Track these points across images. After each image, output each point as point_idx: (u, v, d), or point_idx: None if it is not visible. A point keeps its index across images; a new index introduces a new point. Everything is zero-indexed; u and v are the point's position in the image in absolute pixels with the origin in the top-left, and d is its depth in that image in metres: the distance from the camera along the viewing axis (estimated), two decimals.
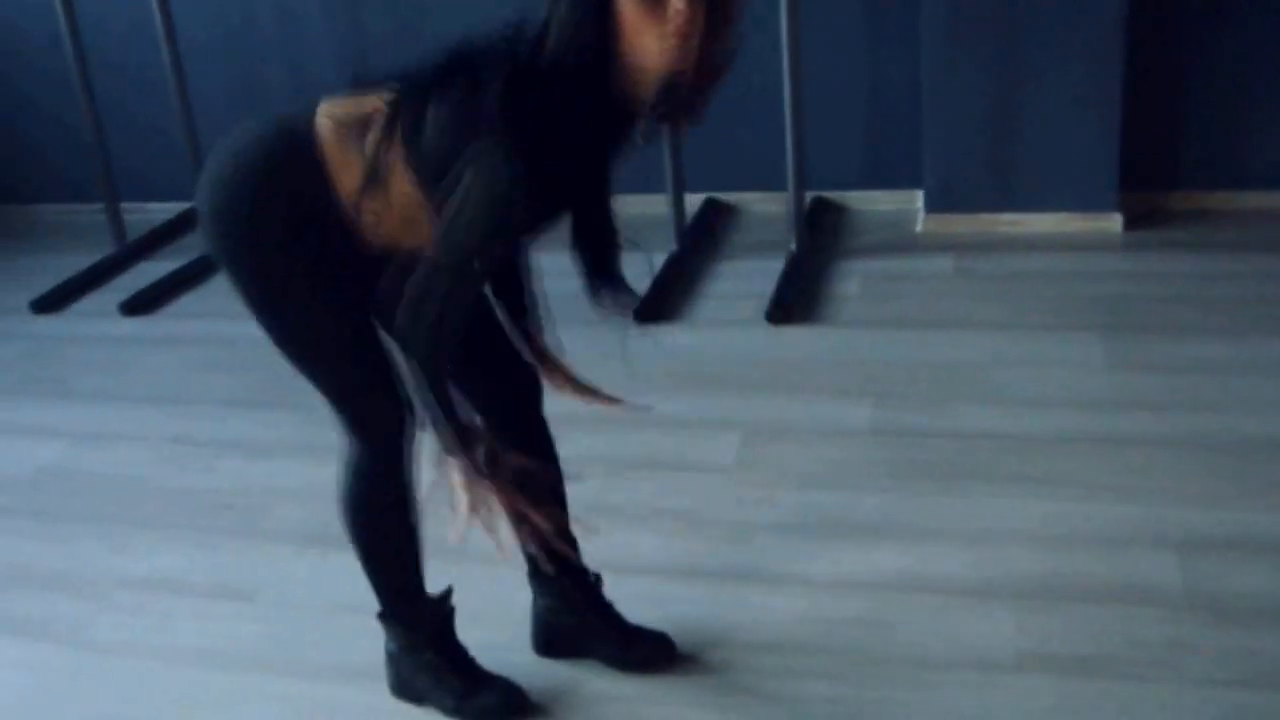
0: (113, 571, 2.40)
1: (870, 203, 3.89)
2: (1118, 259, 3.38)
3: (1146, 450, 2.44)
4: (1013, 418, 2.61)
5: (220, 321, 3.58)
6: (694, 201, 3.84)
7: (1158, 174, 3.62)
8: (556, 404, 1.86)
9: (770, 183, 3.87)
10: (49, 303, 3.84)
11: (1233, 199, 3.61)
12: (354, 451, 1.71)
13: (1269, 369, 2.71)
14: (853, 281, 3.37)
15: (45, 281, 3.93)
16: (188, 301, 3.78)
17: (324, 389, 1.66)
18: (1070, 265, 3.35)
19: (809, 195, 3.71)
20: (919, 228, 3.68)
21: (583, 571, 1.89)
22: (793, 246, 3.52)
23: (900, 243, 3.63)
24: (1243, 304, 3.04)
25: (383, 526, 1.77)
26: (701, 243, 3.72)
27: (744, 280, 3.44)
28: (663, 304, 3.30)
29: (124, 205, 4.24)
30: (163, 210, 4.47)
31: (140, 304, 3.74)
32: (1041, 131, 3.46)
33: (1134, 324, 2.97)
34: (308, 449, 2.77)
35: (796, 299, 3.24)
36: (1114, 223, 3.52)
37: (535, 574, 1.89)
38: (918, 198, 3.84)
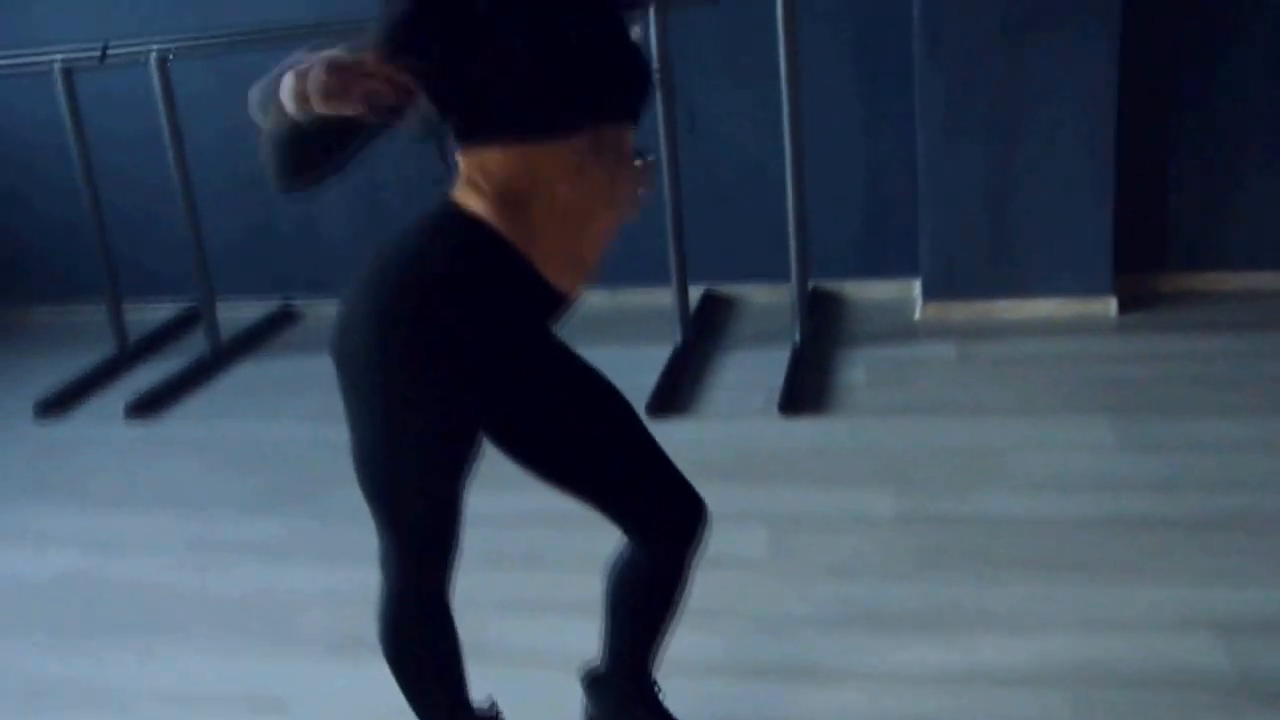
0: (140, 684, 2.31)
1: (867, 291, 3.92)
2: (1116, 341, 3.43)
3: (1171, 531, 2.44)
4: (1035, 502, 2.60)
5: (226, 423, 3.54)
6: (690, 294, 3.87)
7: (1148, 257, 3.68)
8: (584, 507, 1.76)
9: (768, 274, 3.91)
10: (53, 406, 3.77)
11: (1220, 279, 3.68)
12: (397, 585, 1.60)
13: (1278, 446, 2.73)
14: (858, 370, 3.38)
15: (47, 384, 3.87)
16: (192, 404, 3.73)
17: (391, 519, 1.55)
18: (1070, 348, 3.38)
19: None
20: (918, 315, 3.71)
21: (647, 677, 1.84)
22: (796, 337, 3.54)
23: (901, 330, 3.66)
24: (1244, 383, 3.07)
25: (425, 655, 1.66)
26: (704, 335, 3.73)
27: (750, 371, 3.44)
28: (673, 397, 3.29)
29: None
30: (160, 308, 4.45)
31: (146, 407, 3.68)
32: (1036, 218, 3.52)
33: (1141, 405, 2.99)
34: (327, 552, 2.72)
35: (805, 389, 3.25)
36: (1109, 306, 3.57)
37: (594, 683, 1.84)
38: (914, 286, 3.88)
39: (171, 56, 3.79)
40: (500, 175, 1.40)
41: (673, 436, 1.95)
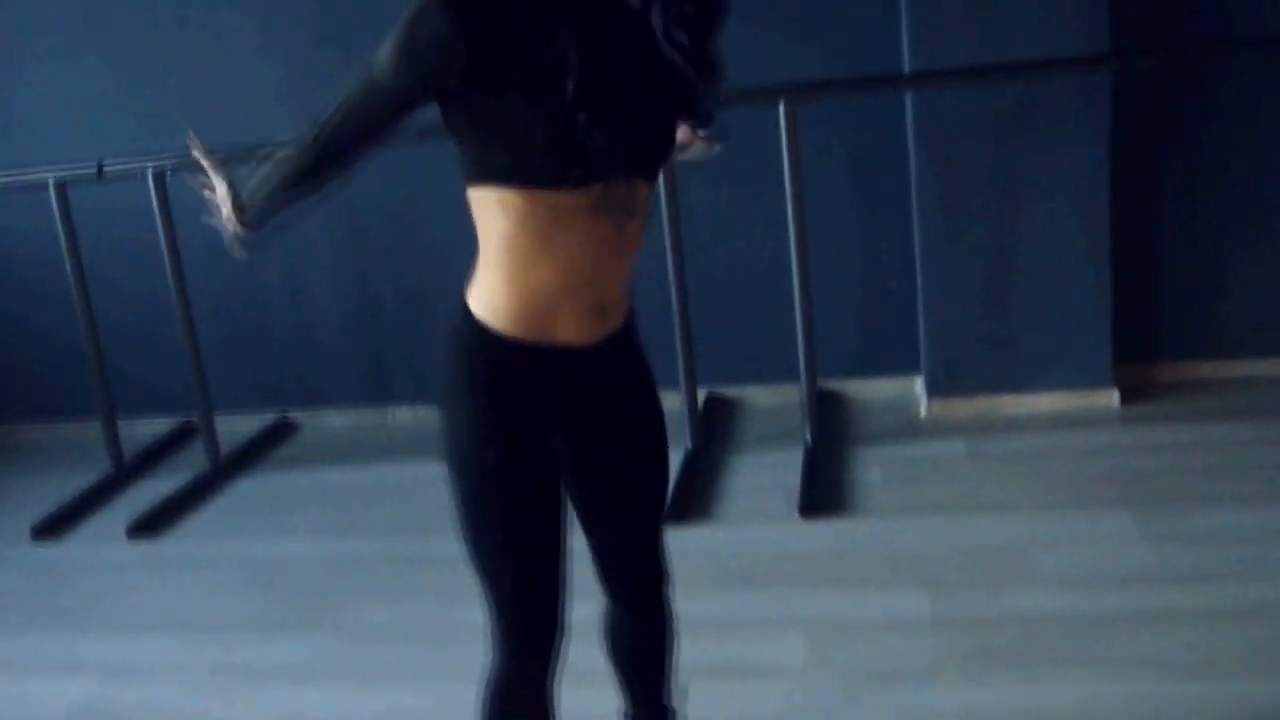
0: None
1: (869, 390, 3.95)
2: (1122, 432, 3.46)
3: (1206, 624, 2.43)
4: (1069, 598, 2.59)
5: (231, 541, 3.46)
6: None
7: (1146, 348, 3.75)
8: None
9: (770, 375, 3.94)
10: (50, 528, 3.67)
11: (1217, 368, 3.75)
12: (500, 669, 1.61)
13: None
14: (873, 470, 3.38)
15: (43, 504, 3.78)
16: (195, 522, 3.64)
17: (494, 587, 1.57)
18: (1078, 441, 3.41)
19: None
20: (923, 412, 3.74)
21: (666, 710, 1.88)
22: (807, 438, 3.54)
23: (907, 428, 3.68)
24: (1255, 471, 3.11)
25: None
26: (713, 438, 3.73)
27: (764, 474, 3.43)
28: (690, 503, 3.27)
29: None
30: (154, 424, 4.38)
31: (147, 526, 3.59)
32: (1036, 313, 3.58)
33: (1158, 497, 3.01)
34: (354, 672, 2.65)
35: (823, 491, 3.24)
36: (1111, 397, 3.62)
37: None
38: (916, 383, 3.92)
39: (169, 173, 3.80)
40: (505, 225, 1.42)
41: (695, 544, 1.95)
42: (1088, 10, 3.30)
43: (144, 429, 4.34)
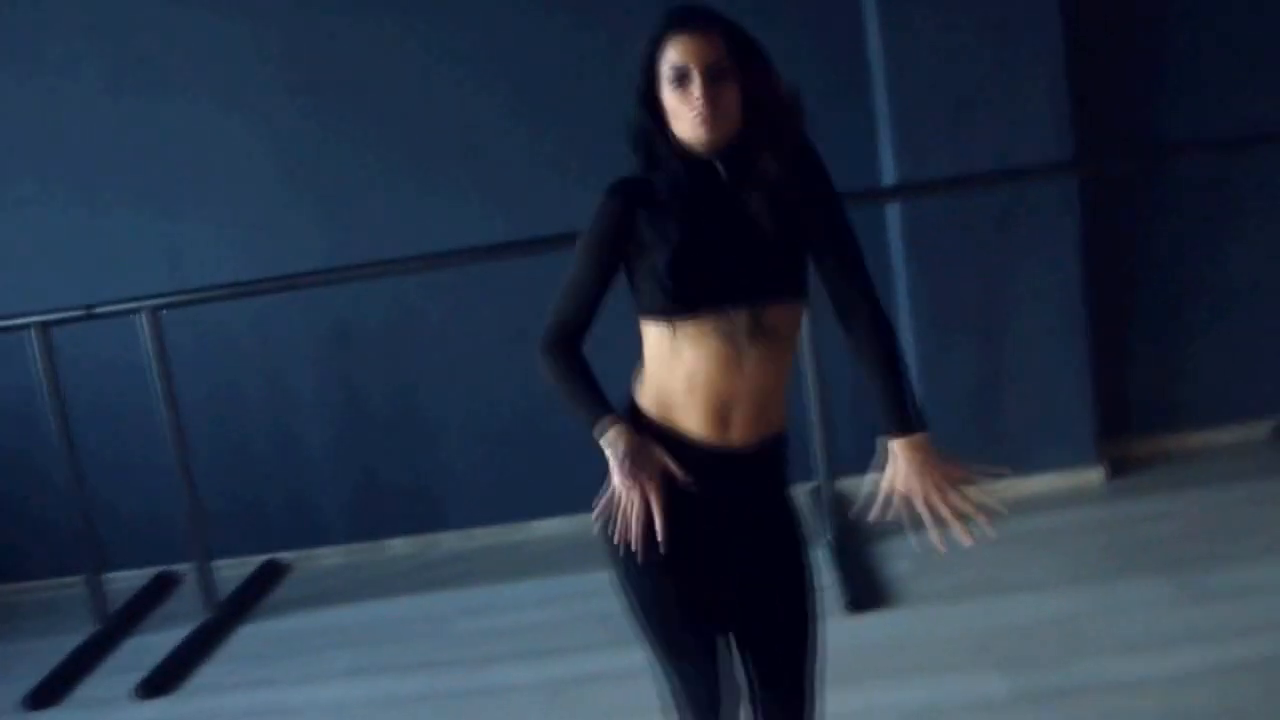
0: None
1: (861, 485, 4.03)
2: (1119, 505, 3.64)
3: (1275, 672, 2.57)
4: (1136, 663, 2.69)
5: (261, 692, 3.28)
6: None
7: (1124, 425, 3.97)
8: None
9: None
10: (46, 693, 3.41)
11: (1185, 439, 4.00)
12: None
13: None
14: (901, 560, 3.46)
15: (29, 670, 3.52)
16: (208, 674, 3.45)
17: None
18: (1083, 517, 3.58)
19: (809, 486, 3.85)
20: None
21: None
22: (829, 535, 3.61)
23: (913, 519, 3.77)
24: (1256, 530, 3.31)
25: None
26: None
27: None
28: None
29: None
30: (127, 577, 4.15)
31: (157, 683, 3.38)
32: (1023, 402, 3.76)
33: (1178, 561, 3.16)
34: None
35: (862, 585, 3.29)
36: (1097, 474, 3.81)
37: None
38: None
39: (164, 312, 3.70)
40: (649, 339, 1.78)
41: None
42: (1053, 121, 3.57)
43: (119, 583, 4.10)
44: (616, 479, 1.75)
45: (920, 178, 3.60)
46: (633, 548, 1.74)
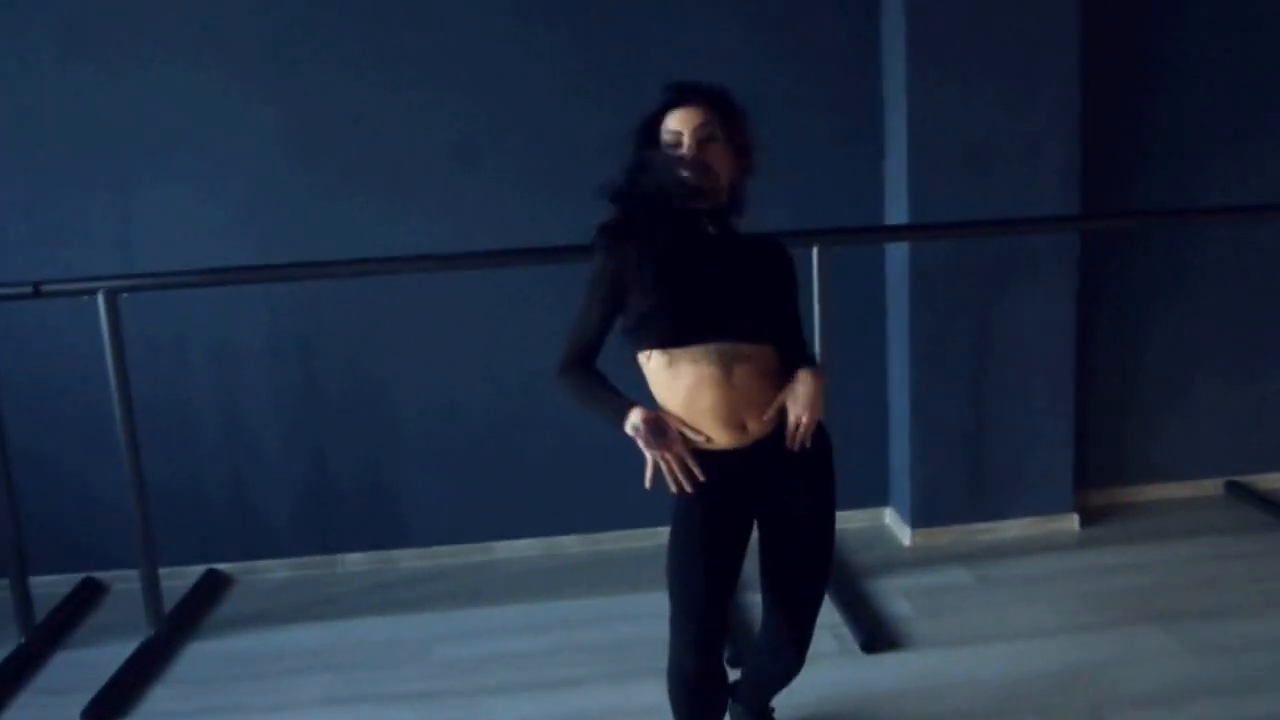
0: None
1: (840, 521, 3.95)
2: (1096, 553, 3.67)
3: None
4: (1178, 713, 2.67)
5: (229, 719, 2.96)
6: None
7: (1098, 476, 4.04)
8: None
9: None
10: None
11: (1152, 490, 4.12)
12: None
13: None
14: (898, 600, 3.39)
15: None
16: (161, 698, 3.09)
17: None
18: (1071, 564, 3.59)
19: None
20: (907, 542, 3.82)
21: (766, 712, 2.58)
22: None
23: (899, 558, 3.73)
24: (1244, 583, 3.39)
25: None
26: None
27: None
28: (735, 645, 3.13)
29: None
30: (47, 583, 3.71)
31: (105, 708, 3.00)
32: (1009, 448, 3.77)
33: (1176, 612, 3.19)
34: None
35: (871, 625, 3.20)
36: (1072, 521, 3.85)
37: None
38: (885, 514, 4.02)
39: (124, 295, 3.32)
40: (650, 371, 2.13)
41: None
42: (1063, 175, 3.59)
43: (39, 588, 3.65)
44: (648, 453, 2.04)
45: (930, 220, 3.57)
46: (687, 489, 2.06)
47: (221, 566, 3.89)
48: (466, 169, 3.70)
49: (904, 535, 3.84)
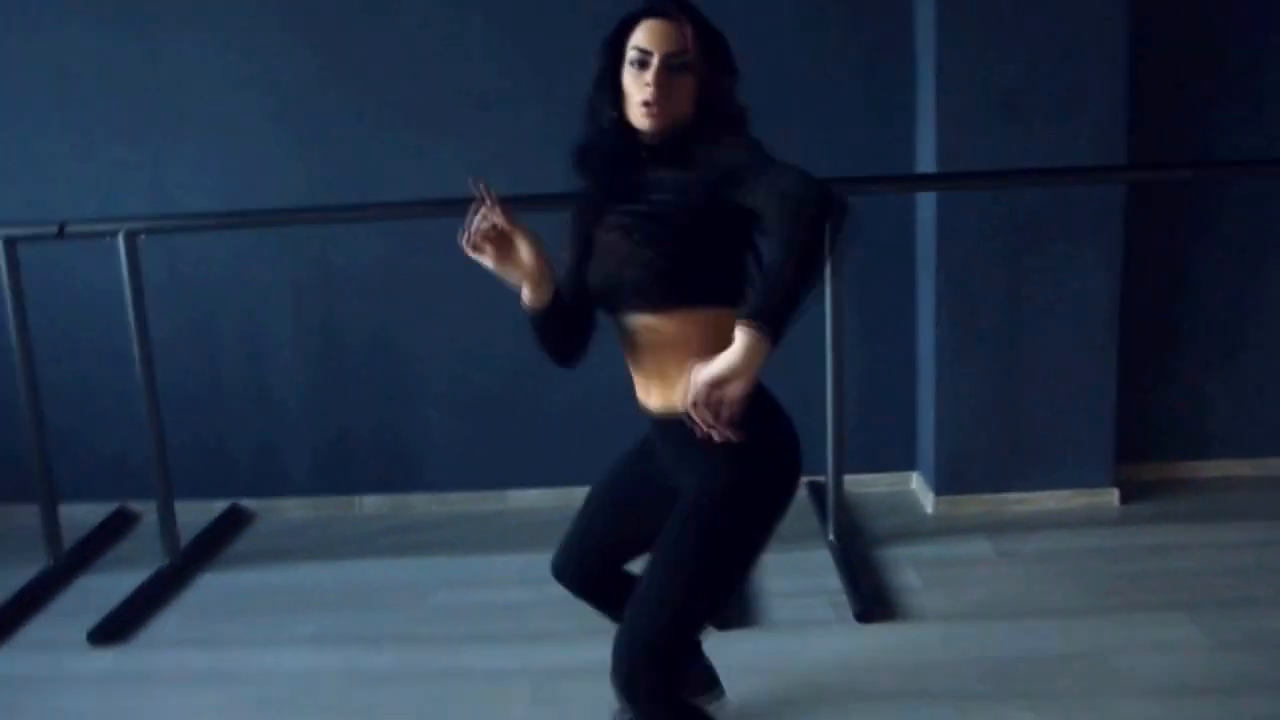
0: None
1: (864, 485, 3.80)
2: (1136, 532, 3.42)
3: None
4: (1167, 708, 2.46)
5: (225, 651, 2.97)
6: None
7: (1139, 450, 3.77)
8: None
9: None
10: None
11: (1198, 468, 3.83)
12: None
13: None
14: (908, 571, 3.22)
15: None
16: (165, 626, 3.15)
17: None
18: (1101, 541, 3.36)
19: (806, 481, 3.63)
20: (930, 509, 3.64)
21: None
22: (832, 537, 3.37)
23: (919, 526, 3.56)
24: (1275, 572, 3.12)
25: None
26: None
27: (798, 576, 3.18)
28: (728, 607, 3.03)
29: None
30: (81, 510, 3.81)
31: (112, 631, 3.07)
32: (1043, 416, 3.54)
33: (1205, 600, 2.95)
34: None
35: (870, 595, 3.06)
36: (1112, 496, 3.61)
37: None
38: (912, 479, 3.83)
39: (142, 237, 3.36)
40: None
41: (757, 653, 1.87)
42: (1108, 125, 3.32)
43: (70, 515, 3.75)
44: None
45: (961, 170, 3.35)
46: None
47: (246, 502, 3.94)
48: (488, 114, 3.63)
49: (928, 502, 3.66)
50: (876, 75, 3.56)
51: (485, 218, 1.82)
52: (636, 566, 1.94)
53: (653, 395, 1.86)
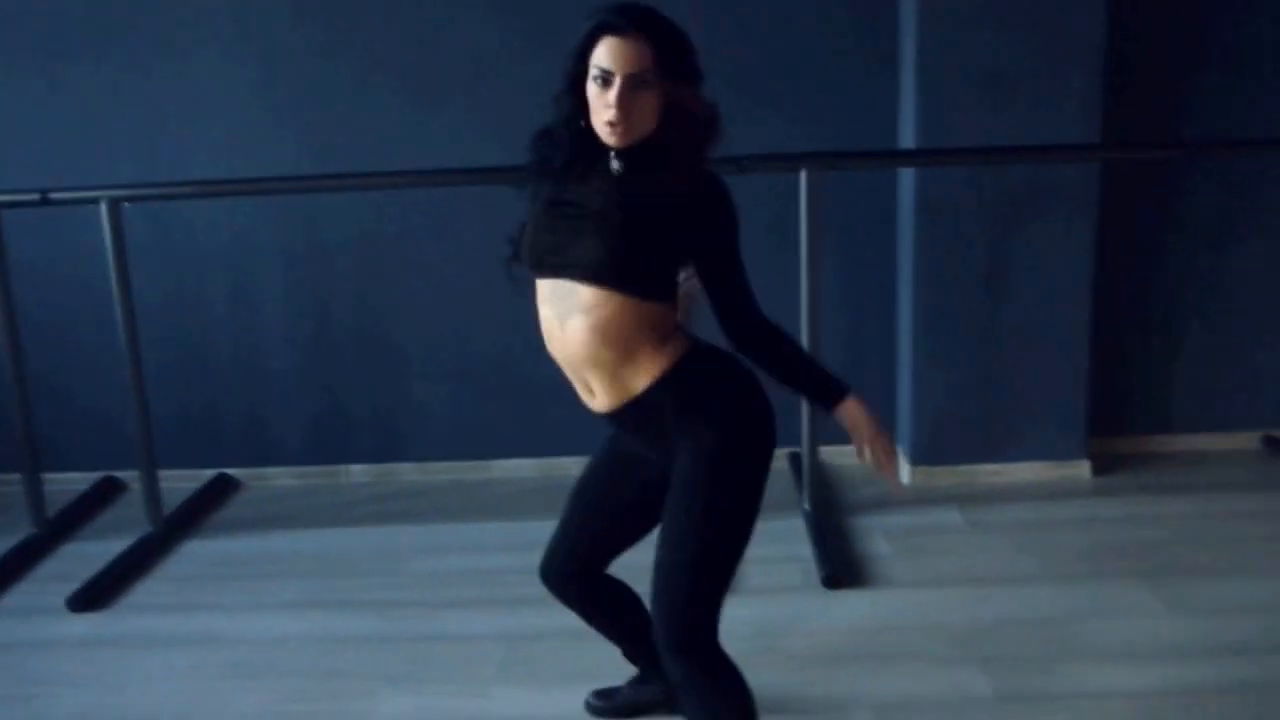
0: None
1: (842, 456, 3.83)
2: (1106, 504, 3.46)
3: (1256, 695, 2.40)
4: (1122, 674, 2.51)
5: (202, 617, 3.01)
6: None
7: (1111, 423, 3.79)
8: None
9: None
10: None
11: (1168, 441, 3.85)
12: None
13: None
14: (879, 540, 3.26)
15: None
16: (146, 592, 3.19)
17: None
18: (1071, 512, 3.39)
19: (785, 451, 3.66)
20: (907, 480, 3.66)
21: None
22: (806, 506, 3.40)
23: (892, 496, 3.59)
24: (1242, 543, 3.15)
25: None
26: None
27: (772, 543, 3.16)
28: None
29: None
30: (68, 480, 3.86)
31: (92, 597, 3.11)
32: (1019, 389, 3.56)
33: (1166, 569, 2.99)
34: None
35: (840, 562, 3.09)
36: (1084, 469, 3.63)
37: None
38: None
39: (126, 205, 3.38)
40: None
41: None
42: (1084, 103, 3.33)
43: (58, 485, 3.80)
44: None
45: (941, 146, 3.36)
46: None
47: (233, 471, 3.97)
48: (482, 83, 3.64)
49: (904, 473, 3.69)
50: (859, 52, 3.56)
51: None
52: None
53: (596, 393, 1.88)
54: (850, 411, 1.88)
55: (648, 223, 1.76)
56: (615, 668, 2.41)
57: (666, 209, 1.76)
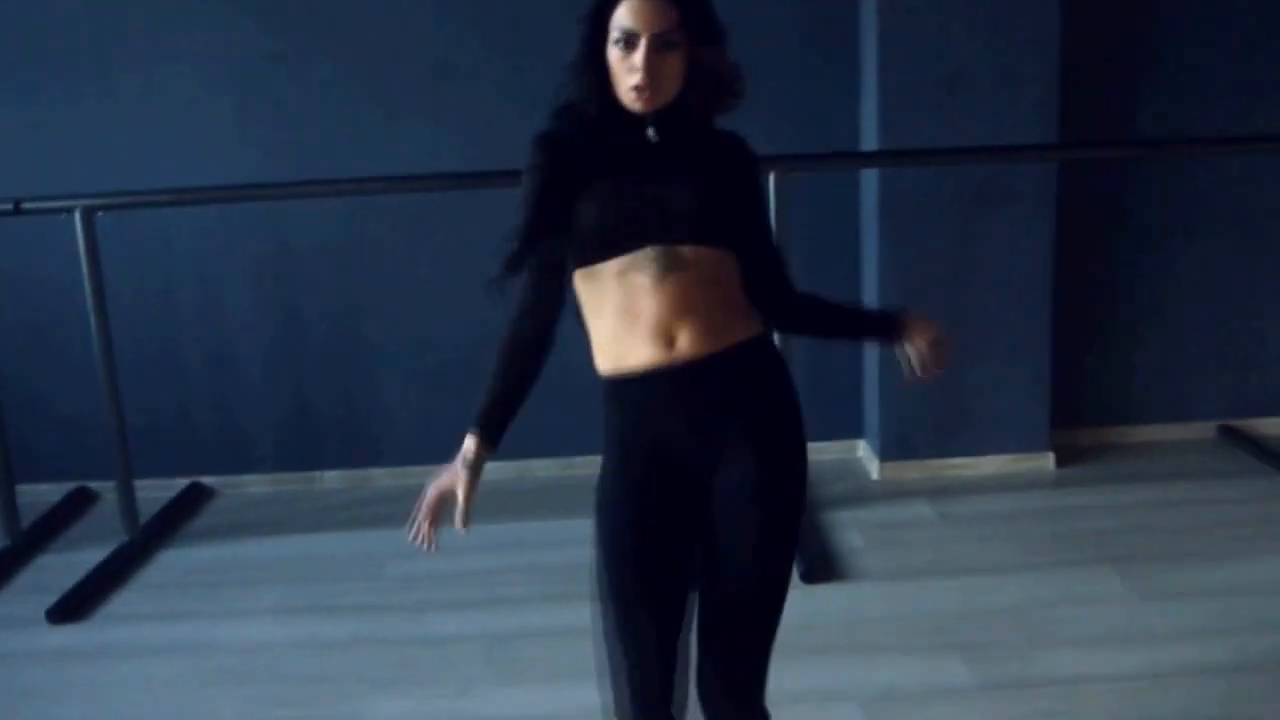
0: None
1: (814, 453, 3.86)
2: (1070, 494, 3.54)
3: (1236, 678, 2.47)
4: (1097, 659, 2.57)
5: (182, 625, 2.99)
6: None
7: (1073, 415, 3.87)
8: None
9: None
10: None
11: (1128, 432, 3.94)
12: None
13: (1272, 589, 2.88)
14: (853, 533, 3.31)
15: None
16: (125, 602, 3.16)
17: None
18: (1036, 503, 3.47)
19: None
20: (875, 475, 3.72)
21: None
22: None
23: (864, 491, 3.64)
24: (1205, 530, 3.24)
25: None
26: None
27: None
28: None
29: None
30: (42, 491, 3.81)
31: (71, 609, 3.08)
32: (983, 384, 3.63)
33: (1131, 555, 3.07)
34: None
35: (815, 556, 3.14)
36: (1048, 460, 3.71)
37: None
38: (858, 446, 3.91)
39: (100, 214, 3.35)
40: (582, 298, 1.71)
41: None
42: (1041, 104, 3.40)
43: (29, 496, 3.74)
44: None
45: (902, 147, 3.41)
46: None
47: (206, 480, 3.94)
48: (446, 88, 3.65)
49: (873, 469, 3.74)
50: (821, 52, 3.61)
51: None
52: None
53: (681, 343, 1.65)
54: (916, 324, 1.86)
55: (714, 177, 1.68)
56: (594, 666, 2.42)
57: (714, 168, 1.69)
